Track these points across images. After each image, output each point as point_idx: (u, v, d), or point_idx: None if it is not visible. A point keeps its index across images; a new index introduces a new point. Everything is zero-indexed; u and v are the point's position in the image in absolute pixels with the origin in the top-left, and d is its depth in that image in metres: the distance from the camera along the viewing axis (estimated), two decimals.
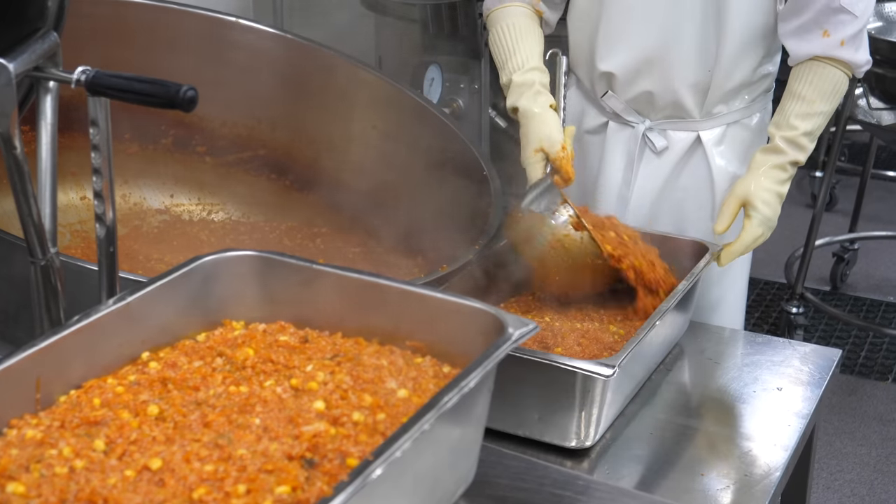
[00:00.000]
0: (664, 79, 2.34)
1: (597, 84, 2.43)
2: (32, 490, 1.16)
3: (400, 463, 1.15)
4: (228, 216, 2.78)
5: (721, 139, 2.41)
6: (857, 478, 3.68)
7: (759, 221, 2.21)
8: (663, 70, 2.33)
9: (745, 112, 2.42)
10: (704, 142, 2.40)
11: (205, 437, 1.26)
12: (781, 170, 2.24)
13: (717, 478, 1.76)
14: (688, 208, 2.46)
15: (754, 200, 2.21)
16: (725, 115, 2.39)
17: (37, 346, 1.33)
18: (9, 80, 1.39)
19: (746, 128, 2.43)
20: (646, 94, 2.37)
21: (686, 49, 2.30)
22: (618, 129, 2.45)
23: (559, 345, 1.89)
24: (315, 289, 1.56)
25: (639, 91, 2.37)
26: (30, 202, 1.49)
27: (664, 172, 2.44)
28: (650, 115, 2.41)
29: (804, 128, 2.22)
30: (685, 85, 2.33)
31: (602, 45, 2.37)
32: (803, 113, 2.22)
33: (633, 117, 2.42)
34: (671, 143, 2.42)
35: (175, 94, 1.38)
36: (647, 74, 2.35)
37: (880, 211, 5.44)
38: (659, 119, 2.40)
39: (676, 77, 2.32)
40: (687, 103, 2.35)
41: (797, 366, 2.11)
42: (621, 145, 2.45)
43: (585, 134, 2.51)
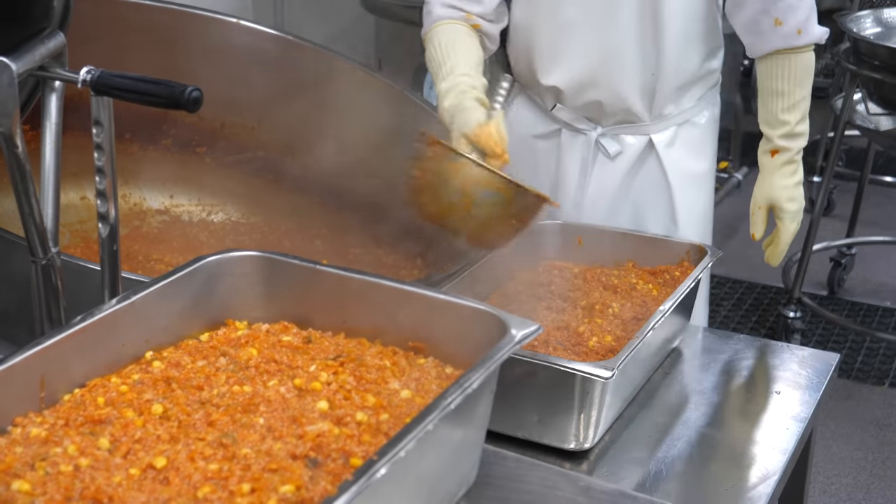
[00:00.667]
0: (610, 88, 2.35)
1: (544, 96, 2.45)
2: (38, 488, 1.17)
3: (403, 463, 1.16)
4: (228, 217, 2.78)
5: (673, 140, 2.43)
6: (853, 482, 3.69)
7: (790, 217, 2.34)
8: (608, 79, 2.34)
9: (695, 110, 2.44)
10: (656, 144, 2.42)
11: (209, 436, 1.26)
12: (790, 163, 2.31)
13: (716, 481, 1.76)
14: (645, 209, 2.48)
15: (780, 202, 2.32)
16: (675, 115, 2.41)
17: (41, 345, 1.34)
18: (11, 80, 1.40)
19: (696, 126, 2.46)
20: (594, 104, 2.39)
21: (628, 56, 2.31)
22: (571, 136, 2.46)
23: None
24: (318, 289, 1.56)
25: (587, 101, 2.39)
26: (31, 201, 1.49)
27: (619, 176, 2.46)
28: (601, 121, 2.42)
29: (795, 118, 2.28)
30: (632, 91, 2.35)
31: (542, 62, 2.39)
32: (788, 106, 2.27)
33: (585, 125, 2.43)
34: (624, 147, 2.44)
35: (180, 95, 1.39)
36: (593, 85, 2.36)
37: (878, 216, 5.45)
38: (610, 125, 2.42)
39: (622, 84, 2.34)
40: (636, 108, 2.37)
41: (795, 369, 2.11)
42: (575, 152, 2.47)
43: (538, 140, 2.51)
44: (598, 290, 2.11)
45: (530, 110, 2.52)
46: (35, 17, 1.52)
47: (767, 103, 2.30)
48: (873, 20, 4.16)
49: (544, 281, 2.14)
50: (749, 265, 5.11)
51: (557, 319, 1.98)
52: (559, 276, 2.17)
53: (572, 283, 2.13)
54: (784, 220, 2.34)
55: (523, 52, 2.43)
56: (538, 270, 2.20)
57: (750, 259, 5.16)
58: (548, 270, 2.20)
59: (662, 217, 2.48)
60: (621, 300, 2.08)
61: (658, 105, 2.38)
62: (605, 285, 2.13)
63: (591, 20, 2.29)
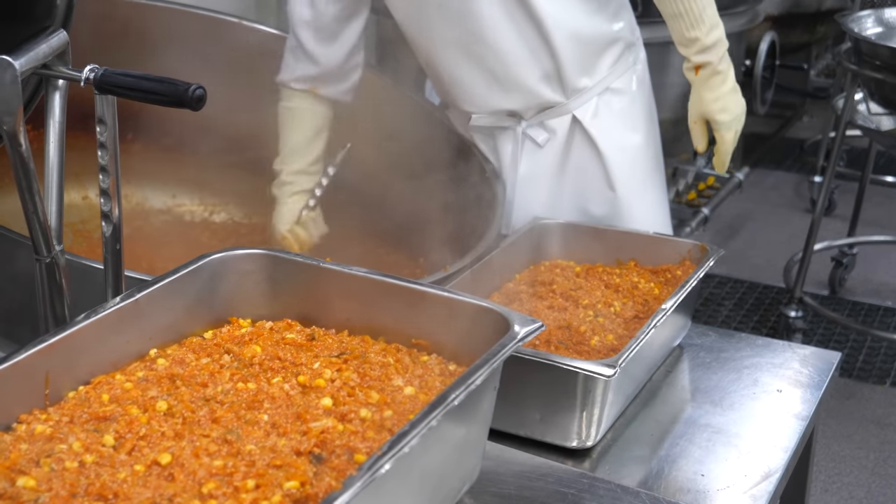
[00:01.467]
0: (517, 93, 2.39)
1: (463, 114, 2.50)
2: (43, 484, 1.17)
3: (407, 459, 1.16)
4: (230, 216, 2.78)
5: (596, 111, 2.45)
6: (854, 481, 3.69)
7: (725, 127, 2.38)
8: (512, 87, 2.38)
9: (612, 77, 2.46)
10: (581, 118, 2.44)
11: (213, 432, 1.27)
12: (715, 74, 2.34)
13: (717, 479, 1.76)
14: (587, 185, 2.51)
15: (712, 115, 2.37)
16: (592, 87, 2.43)
17: (45, 342, 1.34)
18: (14, 78, 1.40)
19: (618, 92, 2.48)
20: (504, 110, 2.44)
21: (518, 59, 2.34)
22: (501, 132, 2.50)
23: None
24: (322, 287, 1.57)
25: (501, 108, 2.44)
26: (35, 200, 1.49)
27: (553, 160, 2.49)
28: (524, 115, 2.45)
29: (703, 32, 2.31)
30: (537, 84, 2.38)
31: (449, 90, 2.45)
32: (691, 23, 2.30)
33: (508, 122, 2.47)
34: (550, 131, 2.46)
35: (184, 93, 1.39)
36: (500, 97, 2.40)
37: (879, 216, 5.46)
38: (533, 115, 2.45)
39: (525, 84, 2.37)
40: (549, 96, 2.40)
41: (797, 368, 2.11)
42: (506, 145, 2.51)
43: (475, 133, 2.55)
44: (599, 289, 2.12)
45: (461, 119, 2.57)
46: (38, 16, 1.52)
47: (674, 27, 2.33)
48: (874, 20, 4.16)
49: (546, 280, 2.14)
50: (750, 265, 5.12)
51: (559, 318, 1.99)
52: (561, 275, 2.17)
53: (574, 282, 2.13)
54: (720, 131, 2.38)
55: (433, 79, 2.50)
56: (540, 269, 2.21)
57: (751, 259, 5.17)
58: (549, 269, 2.20)
59: (602, 188, 2.50)
60: (623, 299, 2.08)
61: (570, 82, 2.40)
62: (606, 284, 2.14)
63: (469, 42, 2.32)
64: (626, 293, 2.10)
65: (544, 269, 2.21)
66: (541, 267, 2.22)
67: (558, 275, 2.17)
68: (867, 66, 3.81)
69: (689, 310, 2.15)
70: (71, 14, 1.55)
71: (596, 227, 2.31)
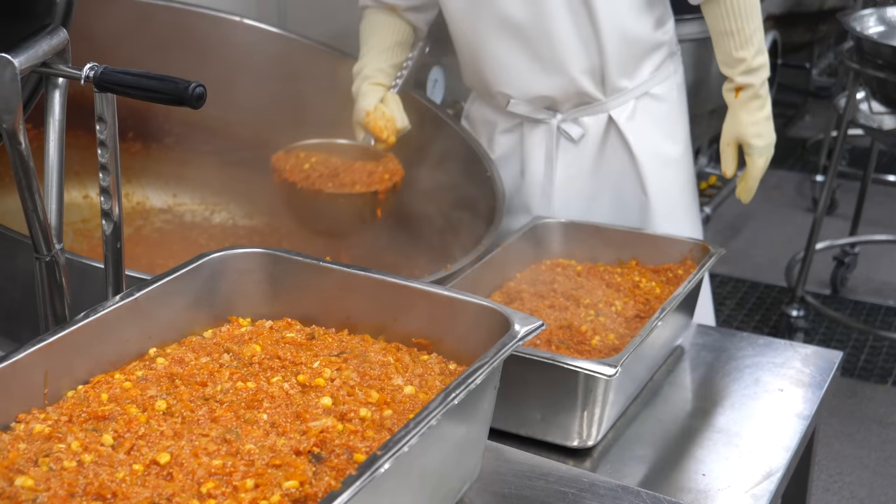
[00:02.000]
0: (558, 77, 2.39)
1: (497, 99, 2.49)
2: (41, 484, 1.16)
3: (407, 458, 1.16)
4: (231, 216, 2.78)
5: (633, 114, 2.46)
6: (856, 480, 3.69)
7: (758, 153, 2.37)
8: (554, 73, 2.38)
9: (652, 82, 2.47)
10: (616, 120, 2.45)
11: (213, 432, 1.26)
12: (756, 98, 2.34)
13: (719, 478, 1.76)
14: (622, 189, 2.51)
15: (747, 138, 2.35)
16: (631, 89, 2.44)
17: (44, 341, 1.34)
18: (14, 76, 1.40)
19: (657, 98, 2.48)
20: (544, 97, 2.43)
21: (567, 42, 2.34)
22: (532, 127, 2.50)
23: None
24: (322, 286, 1.56)
25: (539, 95, 2.43)
26: (34, 198, 1.49)
27: (586, 160, 2.49)
28: (559, 108, 2.45)
29: (750, 53, 2.31)
30: (580, 74, 2.38)
31: (489, 70, 2.44)
32: (741, 43, 2.31)
33: (544, 114, 2.47)
34: (586, 129, 2.47)
35: (184, 91, 1.39)
36: (541, 82, 2.40)
37: (881, 215, 5.45)
38: (569, 110, 2.45)
39: (569, 73, 2.38)
40: (589, 89, 2.40)
41: (798, 367, 2.11)
42: (538, 142, 2.50)
43: (501, 136, 2.56)
44: (600, 288, 2.11)
45: (488, 109, 2.57)
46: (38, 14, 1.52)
47: (721, 45, 2.34)
48: (877, 19, 4.15)
49: (547, 279, 2.14)
50: (752, 264, 5.11)
51: (560, 318, 1.98)
52: (562, 274, 2.17)
53: (575, 282, 2.13)
54: (752, 156, 2.37)
55: (469, 63, 2.49)
56: (541, 269, 2.20)
57: (753, 258, 5.16)
58: (550, 269, 2.20)
59: (639, 195, 2.50)
60: (624, 298, 2.08)
61: (611, 81, 2.40)
62: (607, 283, 2.13)
63: (524, 16, 2.33)
64: (627, 292, 2.10)
65: (545, 269, 2.21)
66: (542, 266, 2.22)
67: (559, 274, 2.17)
68: (869, 65, 3.81)
69: (690, 309, 2.15)
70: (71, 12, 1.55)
71: (597, 226, 2.31)
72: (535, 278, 2.15)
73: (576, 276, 2.17)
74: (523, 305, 2.05)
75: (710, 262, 2.12)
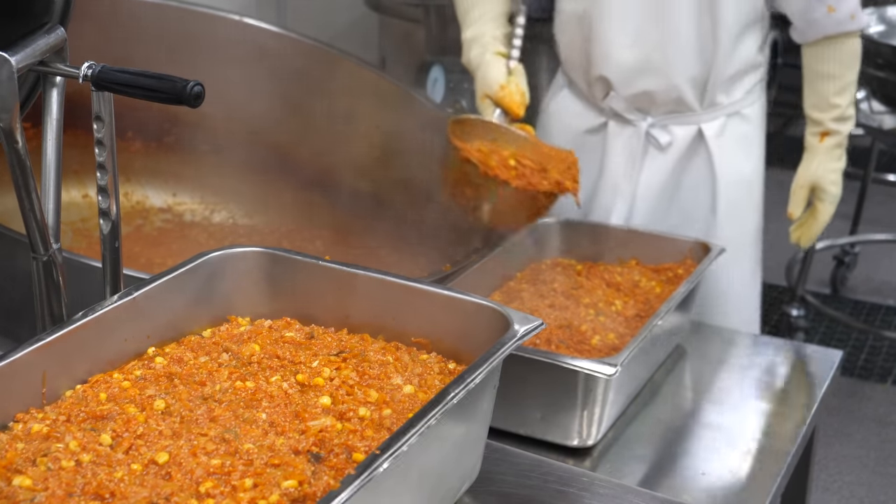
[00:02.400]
0: (664, 76, 2.37)
1: (595, 87, 2.46)
2: (39, 483, 1.16)
3: (406, 458, 1.15)
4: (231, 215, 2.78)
5: (722, 131, 2.45)
6: (855, 479, 3.68)
7: (830, 200, 2.42)
8: (662, 68, 2.36)
9: (744, 102, 2.46)
10: (706, 135, 2.44)
11: (211, 431, 1.26)
12: (839, 147, 2.37)
13: (718, 478, 1.76)
14: (692, 204, 2.49)
15: (823, 184, 2.39)
16: (726, 105, 2.43)
17: (43, 341, 1.33)
18: (11, 74, 1.39)
19: (745, 119, 2.47)
20: (646, 94, 2.40)
21: (684, 45, 2.33)
22: (619, 129, 2.48)
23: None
24: (321, 285, 1.56)
25: (639, 90, 2.41)
26: (32, 198, 1.48)
27: (668, 168, 2.47)
28: (651, 111, 2.44)
29: (845, 102, 2.32)
30: (685, 79, 2.37)
31: (596, 51, 2.40)
32: (838, 89, 2.31)
33: (635, 115, 2.45)
34: (674, 138, 2.45)
35: (182, 90, 1.38)
36: (647, 74, 2.38)
37: (881, 214, 5.44)
38: (661, 115, 2.43)
39: (676, 73, 2.36)
40: (688, 97, 2.39)
41: (798, 366, 2.11)
42: (623, 144, 2.48)
43: (585, 134, 2.54)
44: (601, 287, 2.11)
45: (577, 103, 2.55)
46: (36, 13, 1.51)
47: (817, 87, 2.35)
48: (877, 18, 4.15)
49: (547, 279, 2.14)
50: None
51: (560, 317, 1.98)
52: (562, 273, 2.16)
53: (575, 281, 2.13)
54: (825, 202, 2.41)
55: (577, 41, 2.45)
56: (541, 268, 2.20)
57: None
58: (550, 268, 2.20)
59: (707, 211, 2.48)
60: (624, 298, 2.08)
61: (710, 94, 2.39)
62: (608, 283, 2.13)
63: (648, 8, 2.32)
64: (627, 292, 2.10)
65: (545, 268, 2.20)
66: (542, 265, 2.22)
67: (559, 273, 2.17)
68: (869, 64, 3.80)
69: (690, 308, 2.15)
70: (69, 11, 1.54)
71: (597, 226, 2.31)
72: (535, 277, 2.15)
73: (576, 276, 2.17)
74: (523, 305, 2.04)
75: (711, 262, 2.12)
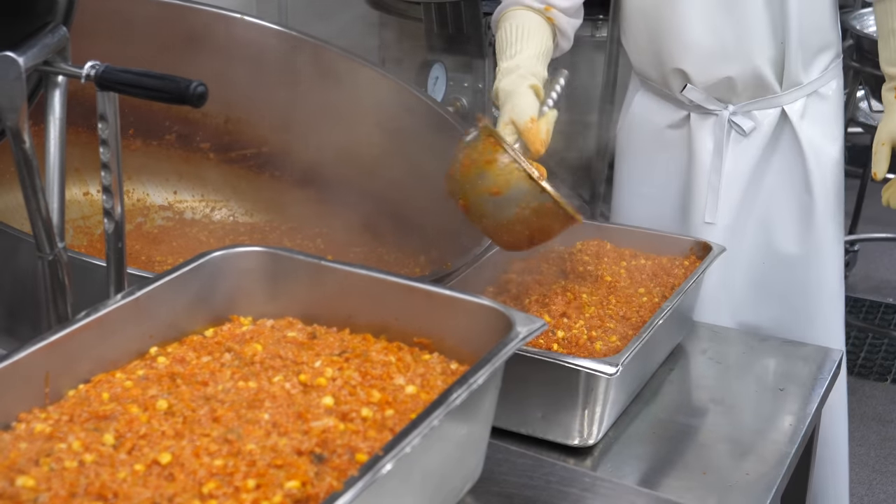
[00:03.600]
0: (741, 60, 2.35)
1: (671, 81, 2.45)
2: (42, 484, 1.16)
3: (409, 458, 1.15)
4: (231, 213, 2.78)
5: (804, 111, 2.43)
6: (855, 478, 3.68)
7: None
8: (739, 53, 2.35)
9: (823, 80, 2.44)
10: (790, 115, 2.42)
11: (214, 431, 1.26)
12: None
13: (719, 477, 1.76)
14: (784, 189, 2.47)
15: None
16: (805, 85, 2.41)
17: (45, 341, 1.33)
18: (18, 74, 1.40)
19: (825, 98, 2.45)
20: (725, 81, 2.39)
21: (757, 27, 2.31)
22: (701, 120, 2.46)
23: None
24: (323, 285, 1.56)
25: (718, 79, 2.39)
26: (38, 196, 1.49)
27: (754, 154, 2.45)
28: (732, 99, 2.42)
29: None
30: (763, 61, 2.35)
31: (670, 44, 2.39)
32: None
33: (715, 105, 2.43)
34: (758, 122, 2.43)
35: (185, 90, 1.38)
36: (724, 62, 2.36)
37: (880, 213, 5.41)
38: (742, 101, 2.42)
39: (753, 55, 2.34)
40: (768, 78, 2.37)
41: (799, 365, 2.11)
42: (707, 135, 2.46)
43: (668, 130, 2.52)
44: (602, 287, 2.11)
45: (656, 101, 2.53)
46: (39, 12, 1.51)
47: (889, 43, 2.36)
48: None
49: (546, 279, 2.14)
50: None
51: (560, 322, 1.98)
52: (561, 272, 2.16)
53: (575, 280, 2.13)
54: None
55: (647, 38, 2.44)
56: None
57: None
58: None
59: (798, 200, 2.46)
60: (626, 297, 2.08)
61: (790, 73, 2.37)
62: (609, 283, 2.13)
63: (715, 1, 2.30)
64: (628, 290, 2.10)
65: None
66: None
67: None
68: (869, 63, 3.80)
69: (691, 308, 2.15)
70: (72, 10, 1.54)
71: (598, 225, 2.30)
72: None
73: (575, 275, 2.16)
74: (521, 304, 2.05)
75: (712, 261, 2.12)
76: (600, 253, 2.22)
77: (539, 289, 2.02)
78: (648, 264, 2.18)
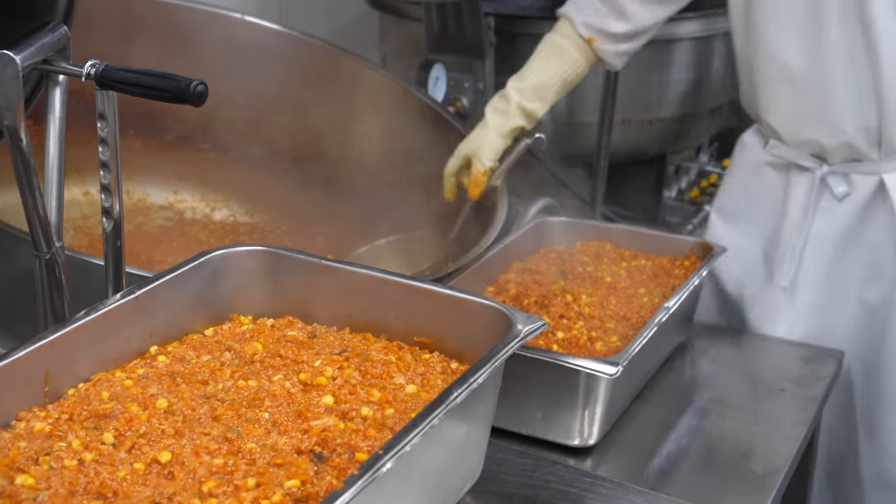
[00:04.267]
0: (830, 129, 2.22)
1: (765, 130, 2.36)
2: (42, 482, 1.16)
3: (409, 458, 1.15)
4: (231, 213, 2.78)
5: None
6: None
7: None
8: (827, 124, 2.21)
9: None
10: (889, 186, 2.24)
11: (214, 430, 1.26)
12: None
13: (720, 477, 1.76)
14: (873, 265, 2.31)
15: None
16: None
17: (45, 340, 1.33)
18: (15, 73, 1.39)
19: None
20: (814, 142, 2.26)
21: (844, 96, 2.17)
22: (798, 172, 2.31)
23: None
24: (323, 284, 1.56)
25: (806, 139, 2.26)
26: (35, 196, 1.49)
27: (846, 221, 2.29)
28: (827, 158, 2.27)
29: None
30: (854, 130, 2.20)
31: (761, 100, 2.30)
32: None
33: (810, 162, 2.29)
34: (854, 187, 2.28)
35: (185, 89, 1.38)
36: (811, 127, 2.24)
37: None
38: (838, 162, 2.27)
39: (842, 125, 2.20)
40: (861, 147, 2.22)
41: (800, 366, 2.11)
42: (801, 190, 2.31)
43: (768, 168, 2.38)
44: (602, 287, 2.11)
45: (761, 137, 2.41)
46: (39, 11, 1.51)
47: None
48: None
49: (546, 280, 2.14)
50: None
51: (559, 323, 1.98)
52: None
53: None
54: None
55: (746, 85, 2.35)
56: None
57: None
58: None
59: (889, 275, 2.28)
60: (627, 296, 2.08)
61: (887, 142, 2.20)
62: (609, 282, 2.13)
63: (805, 64, 2.17)
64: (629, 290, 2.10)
65: None
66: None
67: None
68: None
69: (692, 308, 2.15)
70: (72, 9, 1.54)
71: (598, 225, 2.31)
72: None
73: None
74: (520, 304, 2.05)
75: (713, 261, 2.12)
76: (600, 253, 2.22)
77: (539, 289, 2.02)
78: (648, 265, 2.18)
